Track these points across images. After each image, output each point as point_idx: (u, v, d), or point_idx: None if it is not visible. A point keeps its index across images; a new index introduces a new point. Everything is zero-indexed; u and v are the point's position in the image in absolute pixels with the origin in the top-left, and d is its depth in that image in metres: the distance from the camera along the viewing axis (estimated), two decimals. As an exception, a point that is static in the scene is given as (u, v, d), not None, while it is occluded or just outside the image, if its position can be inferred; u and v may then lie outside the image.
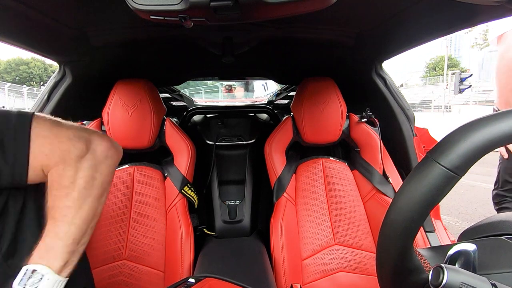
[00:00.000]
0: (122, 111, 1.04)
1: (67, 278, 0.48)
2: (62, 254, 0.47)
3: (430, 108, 22.26)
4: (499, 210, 1.60)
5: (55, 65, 1.13)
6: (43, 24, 0.79)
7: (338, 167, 1.17)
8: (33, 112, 0.52)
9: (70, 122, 0.56)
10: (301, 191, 1.13)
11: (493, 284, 0.31)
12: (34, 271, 0.44)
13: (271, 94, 2.55)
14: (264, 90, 3.11)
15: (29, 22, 0.75)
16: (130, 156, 1.18)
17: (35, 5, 0.70)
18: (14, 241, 0.50)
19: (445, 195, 0.32)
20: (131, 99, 1.06)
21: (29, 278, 0.43)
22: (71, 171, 0.50)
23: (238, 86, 4.31)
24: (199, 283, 0.64)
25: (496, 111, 0.73)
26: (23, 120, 0.49)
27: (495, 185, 1.62)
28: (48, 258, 0.46)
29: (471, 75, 13.51)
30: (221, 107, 2.12)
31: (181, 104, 2.21)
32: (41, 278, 0.44)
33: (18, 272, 0.44)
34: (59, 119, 0.55)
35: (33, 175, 0.49)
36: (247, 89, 4.47)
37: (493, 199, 1.65)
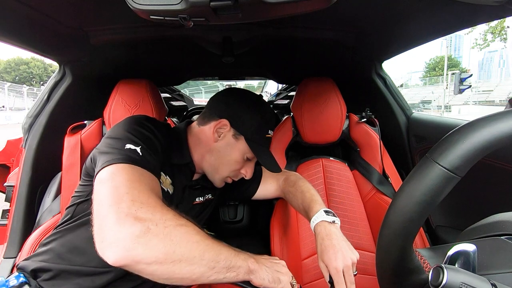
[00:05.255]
0: (123, 111, 1.04)
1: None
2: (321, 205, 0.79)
3: (430, 108, 22.26)
4: None
5: (55, 65, 1.13)
6: (43, 24, 0.79)
7: (338, 167, 1.17)
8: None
9: None
10: (301, 191, 1.13)
11: (493, 284, 0.31)
12: (328, 210, 0.75)
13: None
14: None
15: (29, 22, 0.75)
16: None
17: (35, 5, 0.70)
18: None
19: (444, 196, 0.32)
20: (133, 99, 1.06)
21: (329, 213, 0.74)
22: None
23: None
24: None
25: None
26: None
27: None
28: (321, 206, 0.77)
29: (471, 75, 13.54)
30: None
31: (181, 104, 2.21)
32: (333, 215, 0.74)
33: None
34: None
35: None
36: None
37: None
